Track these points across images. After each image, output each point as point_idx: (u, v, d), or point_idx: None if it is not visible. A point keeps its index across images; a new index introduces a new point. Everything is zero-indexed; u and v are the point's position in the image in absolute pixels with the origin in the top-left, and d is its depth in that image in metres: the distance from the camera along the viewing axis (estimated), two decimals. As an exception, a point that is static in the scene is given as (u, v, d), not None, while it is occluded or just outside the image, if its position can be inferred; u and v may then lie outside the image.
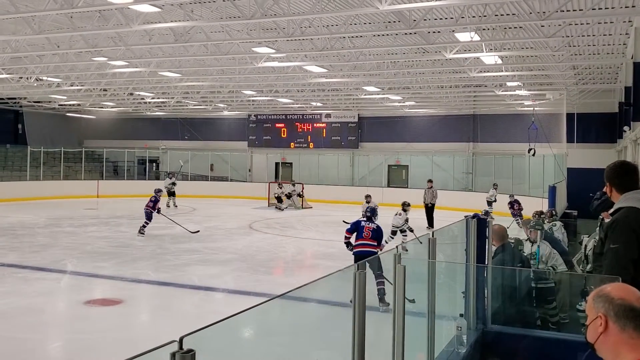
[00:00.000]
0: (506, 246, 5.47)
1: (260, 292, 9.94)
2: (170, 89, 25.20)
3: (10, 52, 16.29)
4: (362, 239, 9.25)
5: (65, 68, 19.75)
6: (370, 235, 9.21)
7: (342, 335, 4.13)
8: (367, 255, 8.75)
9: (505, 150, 26.64)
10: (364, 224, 9.38)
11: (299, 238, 16.67)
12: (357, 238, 9.33)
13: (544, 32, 13.31)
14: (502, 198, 20.66)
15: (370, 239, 9.19)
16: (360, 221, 9.58)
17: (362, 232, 9.29)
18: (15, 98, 30.34)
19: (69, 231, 16.69)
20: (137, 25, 12.52)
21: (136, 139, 36.11)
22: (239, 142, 34.80)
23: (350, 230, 9.50)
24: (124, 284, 10.23)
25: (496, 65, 17.17)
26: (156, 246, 14.25)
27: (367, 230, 9.27)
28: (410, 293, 3.17)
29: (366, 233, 9.24)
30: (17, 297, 9.09)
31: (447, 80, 21.47)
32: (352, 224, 9.63)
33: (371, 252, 8.96)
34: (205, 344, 1.71)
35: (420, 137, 30.35)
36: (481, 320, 4.60)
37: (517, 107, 26.41)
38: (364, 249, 9.08)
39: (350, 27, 13.66)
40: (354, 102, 28.86)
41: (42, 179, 29.31)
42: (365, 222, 9.45)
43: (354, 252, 9.28)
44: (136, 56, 16.87)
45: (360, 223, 9.47)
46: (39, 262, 11.87)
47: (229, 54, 15.95)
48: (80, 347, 7.00)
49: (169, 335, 6.54)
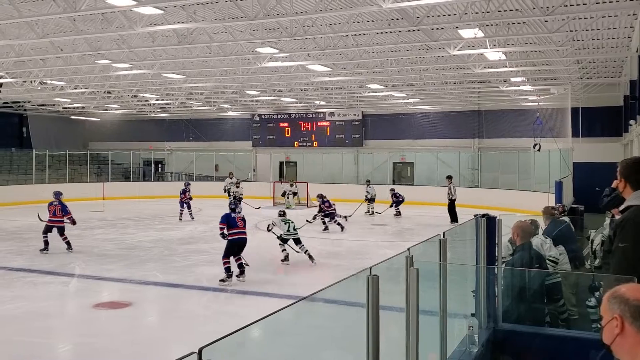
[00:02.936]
0: (528, 245, 5.40)
1: (267, 292, 9.95)
2: (174, 90, 25.24)
3: (14, 56, 16.35)
4: (237, 227, 10.73)
5: (69, 71, 19.80)
6: (243, 224, 10.86)
7: (352, 335, 4.13)
8: (244, 241, 10.75)
9: (511, 145, 26.57)
10: (234, 215, 10.87)
11: (304, 237, 16.61)
12: (231, 227, 10.68)
13: (548, 27, 13.26)
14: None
15: (244, 227, 10.85)
16: (229, 214, 10.90)
17: (235, 222, 10.74)
18: (19, 102, 30.43)
19: (76, 234, 16.70)
20: (140, 27, 12.54)
21: (141, 141, 36.18)
22: (243, 142, 34.83)
23: (223, 222, 10.77)
24: (132, 286, 10.25)
25: (500, 61, 17.12)
26: (163, 247, 14.27)
27: (239, 220, 10.85)
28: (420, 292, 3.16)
29: (239, 223, 10.80)
30: (25, 301, 9.11)
31: (451, 77, 21.43)
32: (222, 217, 10.85)
33: (245, 238, 10.79)
34: (214, 349, 1.70)
35: (425, 134, 30.30)
36: (492, 318, 4.58)
37: (521, 103, 26.33)
38: (241, 236, 10.75)
39: (353, 25, 13.65)
40: (358, 100, 28.84)
41: (47, 182, 29.36)
42: (234, 214, 10.90)
43: (232, 240, 10.65)
44: (140, 58, 16.90)
45: (230, 215, 10.85)
46: (46, 266, 11.89)
47: (232, 54, 15.95)
48: (89, 350, 7.01)
49: (178, 337, 6.59)
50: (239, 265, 10.57)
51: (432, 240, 4.02)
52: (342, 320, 5.12)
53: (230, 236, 10.64)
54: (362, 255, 13.58)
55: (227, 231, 10.66)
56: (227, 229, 10.68)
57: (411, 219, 21.12)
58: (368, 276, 2.32)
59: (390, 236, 16.99)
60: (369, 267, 2.40)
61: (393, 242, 15.70)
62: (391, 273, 3.03)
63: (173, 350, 6.96)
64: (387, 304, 2.53)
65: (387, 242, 15.57)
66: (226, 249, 10.64)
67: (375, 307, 2.28)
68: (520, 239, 5.31)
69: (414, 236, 16.95)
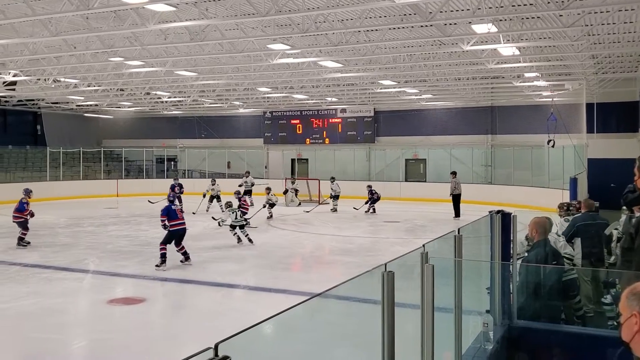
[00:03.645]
0: (545, 242, 5.33)
1: (279, 288, 9.95)
2: (187, 87, 25.30)
3: (28, 54, 16.46)
4: (177, 219, 11.53)
5: (82, 69, 19.91)
6: (182, 215, 11.68)
7: (364, 332, 4.10)
8: (183, 231, 11.61)
9: (524, 142, 26.35)
10: (174, 207, 11.79)
11: (316, 234, 16.66)
12: (172, 219, 11.46)
13: (563, 21, 13.11)
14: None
15: (183, 217, 11.62)
16: (170, 206, 11.76)
17: (175, 214, 11.55)
18: (33, 100, 30.68)
19: (90, 231, 16.85)
20: (152, 24, 12.57)
21: (154, 138, 36.35)
22: (255, 139, 34.88)
23: (164, 214, 11.56)
24: (146, 283, 10.29)
25: (514, 56, 16.97)
26: (176, 244, 14.32)
27: (178, 212, 11.71)
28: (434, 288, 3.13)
29: (179, 215, 11.60)
30: (40, 297, 9.18)
31: (465, 73, 21.29)
32: (163, 210, 11.68)
33: (185, 228, 11.68)
34: (229, 344, 1.69)
35: (438, 130, 30.14)
36: (507, 315, 4.55)
37: (535, 98, 26.12)
38: (181, 227, 11.57)
39: (366, 21, 13.58)
40: (370, 97, 28.74)
41: (61, 179, 29.64)
42: (174, 206, 11.85)
43: (173, 230, 11.44)
44: (152, 56, 16.95)
45: (170, 207, 11.69)
46: (61, 262, 11.98)
47: (244, 51, 15.95)
48: (104, 346, 7.04)
49: (192, 333, 6.59)
50: (183, 253, 11.55)
51: (446, 237, 3.99)
52: (355, 317, 5.10)
53: (172, 227, 11.45)
54: (374, 252, 13.54)
55: (168, 222, 11.46)
56: (168, 221, 11.47)
57: (423, 215, 21.06)
58: (383, 272, 2.29)
59: (402, 233, 16.94)
60: (384, 263, 2.38)
61: (405, 239, 15.65)
62: (403, 270, 3.00)
63: (187, 346, 6.97)
64: (400, 301, 2.51)
65: (398, 239, 15.52)
66: (165, 238, 11.46)
67: (390, 303, 2.26)
68: (539, 235, 5.24)
69: (426, 233, 16.91)
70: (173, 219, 11.49)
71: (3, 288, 9.79)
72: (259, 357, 2.04)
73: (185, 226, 11.69)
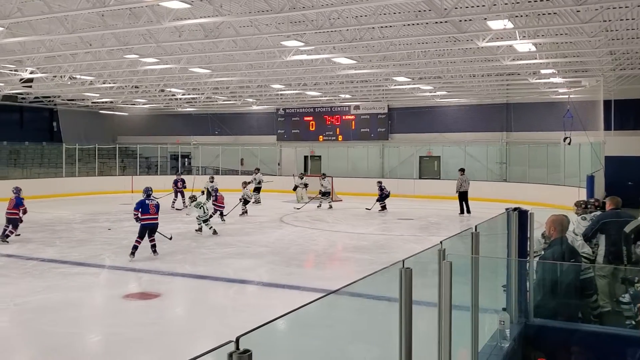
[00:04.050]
0: (562, 240, 5.28)
1: (293, 284, 9.96)
2: (200, 84, 25.39)
3: (44, 51, 16.60)
4: (148, 213, 11.92)
5: (98, 66, 20.04)
6: (155, 210, 12.01)
7: (378, 329, 4.10)
8: (154, 225, 12.05)
9: (540, 139, 26.16)
10: (148, 202, 12.02)
11: (329, 231, 16.66)
12: (143, 213, 11.88)
13: (580, 17, 12.97)
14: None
15: (156, 213, 12.01)
16: (144, 200, 12.05)
17: (147, 208, 11.93)
18: (50, 96, 30.95)
19: (106, 226, 16.97)
20: (167, 22, 12.63)
21: (168, 135, 36.55)
22: (268, 136, 34.92)
23: (137, 208, 12.00)
24: (161, 278, 10.35)
25: (530, 52, 16.83)
26: (191, 240, 14.40)
27: (152, 206, 12.01)
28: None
29: (151, 209, 11.96)
30: (57, 291, 9.27)
31: (480, 69, 21.14)
32: (137, 204, 12.09)
33: (156, 223, 12.07)
34: (249, 338, 1.69)
35: (452, 127, 29.99)
36: (523, 313, 4.51)
37: (551, 95, 25.89)
38: (151, 221, 11.98)
39: (380, 17, 13.54)
40: (384, 93, 28.65)
41: (77, 175, 29.91)
42: (148, 201, 12.06)
43: (143, 224, 11.88)
44: (167, 53, 17.03)
45: (144, 202, 12.01)
46: (77, 257, 12.09)
47: (257, 48, 15.97)
48: (119, 340, 7.10)
49: (207, 328, 6.63)
50: (152, 246, 12.04)
51: (462, 235, 3.96)
52: (369, 314, 5.09)
53: (143, 221, 11.90)
54: (388, 249, 13.52)
55: (141, 216, 11.91)
56: (141, 214, 11.91)
57: (437, 213, 20.98)
58: (401, 269, 2.28)
59: (417, 230, 16.88)
60: (401, 260, 2.37)
61: (419, 236, 15.60)
62: (418, 267, 2.98)
63: (202, 341, 7.01)
64: (414, 298, 2.50)
65: (412, 236, 15.47)
66: (139, 231, 11.92)
67: (408, 300, 2.25)
68: (556, 232, 5.19)
69: (440, 230, 16.85)
70: (145, 213, 11.94)
71: (21, 282, 9.90)
72: (277, 352, 2.05)
73: (156, 221, 12.07)
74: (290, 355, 3.64)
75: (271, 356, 2.04)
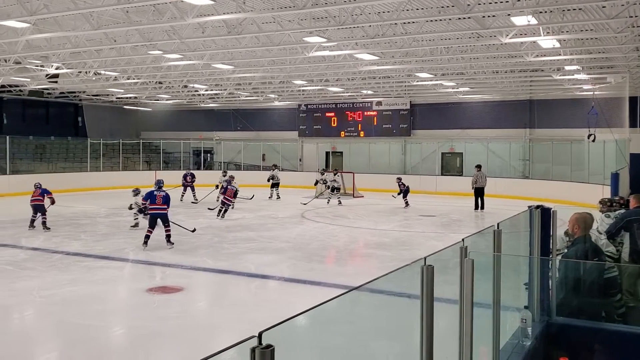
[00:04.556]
0: (586, 238, 5.23)
1: (315, 280, 10.00)
2: (223, 80, 25.54)
3: (70, 47, 16.84)
4: (155, 203, 12.48)
5: (122, 62, 20.28)
6: (162, 201, 12.49)
7: (400, 326, 4.11)
8: (160, 215, 12.46)
9: (564, 136, 25.84)
10: (156, 193, 12.58)
11: (351, 227, 16.67)
12: (151, 203, 12.52)
13: (606, 13, 12.78)
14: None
15: (162, 203, 12.49)
16: (152, 191, 12.68)
17: (155, 198, 12.48)
18: (75, 92, 31.40)
19: (130, 221, 17.16)
20: (191, 18, 12.73)
21: (191, 130, 36.85)
22: (290, 132, 34.99)
23: (145, 198, 12.83)
24: (184, 272, 10.47)
25: (554, 49, 16.63)
26: (213, 234, 14.53)
27: (159, 197, 12.51)
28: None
29: (158, 200, 12.47)
30: (82, 285, 9.43)
31: (503, 65, 20.94)
32: (146, 195, 12.85)
33: (162, 213, 12.50)
34: (271, 334, 1.72)
35: (475, 124, 29.74)
36: (546, 312, 4.49)
37: (575, 92, 25.56)
38: (157, 211, 12.45)
39: (403, 13, 13.48)
40: (406, 89, 28.52)
41: (101, 170, 30.33)
42: (156, 192, 12.64)
43: (150, 214, 12.53)
44: (190, 49, 17.16)
45: (153, 192, 12.62)
46: (101, 251, 12.27)
47: (280, 44, 16.02)
48: (142, 333, 7.21)
49: (229, 323, 6.70)
50: (167, 236, 12.60)
51: (484, 232, 3.96)
52: (390, 310, 5.11)
53: (150, 210, 12.59)
54: (409, 246, 13.49)
55: (149, 206, 12.61)
56: (149, 204, 12.59)
57: (459, 209, 20.87)
58: (423, 266, 2.29)
59: (438, 227, 16.82)
60: (423, 257, 2.38)
61: (440, 233, 15.54)
62: (439, 264, 2.99)
63: (224, 335, 7.09)
64: (436, 295, 2.51)
65: (434, 233, 15.42)
66: (148, 221, 12.64)
67: (429, 297, 2.26)
68: (580, 230, 5.15)
69: (462, 227, 16.76)
70: (152, 203, 12.57)
71: (46, 275, 10.09)
72: (299, 348, 2.08)
73: (162, 211, 12.56)
74: (311, 352, 3.67)
75: (293, 352, 2.07)
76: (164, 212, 12.54)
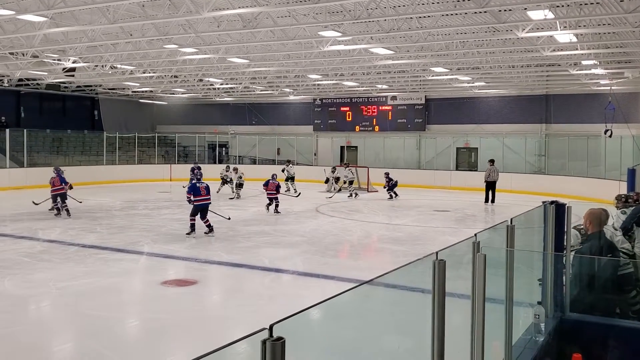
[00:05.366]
0: (600, 234, 5.19)
1: (328, 274, 10.03)
2: (238, 74, 25.60)
3: (86, 41, 16.96)
4: (200, 195, 13.25)
5: (138, 56, 20.39)
6: (206, 192, 13.34)
7: (412, 320, 4.12)
8: (206, 205, 13.39)
9: (580, 131, 25.60)
10: (199, 185, 13.41)
11: (365, 222, 16.67)
12: (196, 195, 13.24)
13: (624, 7, 12.61)
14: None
15: (207, 194, 13.36)
16: (195, 184, 13.55)
17: (199, 190, 13.27)
18: (91, 86, 31.63)
19: (144, 214, 17.34)
20: (206, 12, 12.76)
21: (206, 124, 37.00)
22: (305, 127, 35.01)
23: (189, 192, 13.41)
24: (198, 265, 10.55)
25: (571, 43, 16.45)
26: (227, 228, 14.59)
27: (202, 188, 13.33)
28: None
29: (202, 191, 13.28)
30: (97, 277, 9.53)
31: (519, 60, 20.75)
32: (189, 188, 13.61)
33: (207, 203, 13.43)
34: (282, 326, 1.74)
35: (490, 119, 29.56)
36: (559, 308, 4.47)
37: (592, 87, 25.26)
38: (204, 202, 13.34)
39: (418, 7, 13.41)
40: (421, 84, 28.38)
41: (117, 164, 30.57)
42: (199, 184, 13.48)
43: (197, 205, 13.22)
44: (205, 43, 17.21)
45: (195, 185, 13.45)
46: (117, 244, 12.39)
47: (295, 38, 16.01)
48: (157, 325, 7.28)
49: (242, 316, 6.75)
50: (208, 225, 13.34)
51: (498, 227, 3.95)
52: (402, 305, 5.11)
53: (196, 202, 13.22)
54: (423, 241, 13.47)
55: (193, 198, 13.23)
56: (194, 197, 13.23)
57: (474, 204, 20.79)
58: (434, 261, 2.30)
59: (452, 222, 16.77)
60: (435, 252, 2.39)
61: (455, 228, 15.49)
62: (452, 259, 3.00)
63: (237, 328, 7.14)
64: (448, 290, 2.52)
65: (448, 228, 15.38)
66: (192, 211, 13.29)
67: (441, 292, 2.27)
68: (593, 227, 5.11)
69: (476, 222, 16.71)
70: (197, 195, 13.24)
71: (63, 267, 10.22)
72: (310, 341, 2.10)
73: (207, 201, 13.42)
74: (323, 344, 3.69)
75: (304, 344, 2.09)
76: (209, 202, 13.53)
